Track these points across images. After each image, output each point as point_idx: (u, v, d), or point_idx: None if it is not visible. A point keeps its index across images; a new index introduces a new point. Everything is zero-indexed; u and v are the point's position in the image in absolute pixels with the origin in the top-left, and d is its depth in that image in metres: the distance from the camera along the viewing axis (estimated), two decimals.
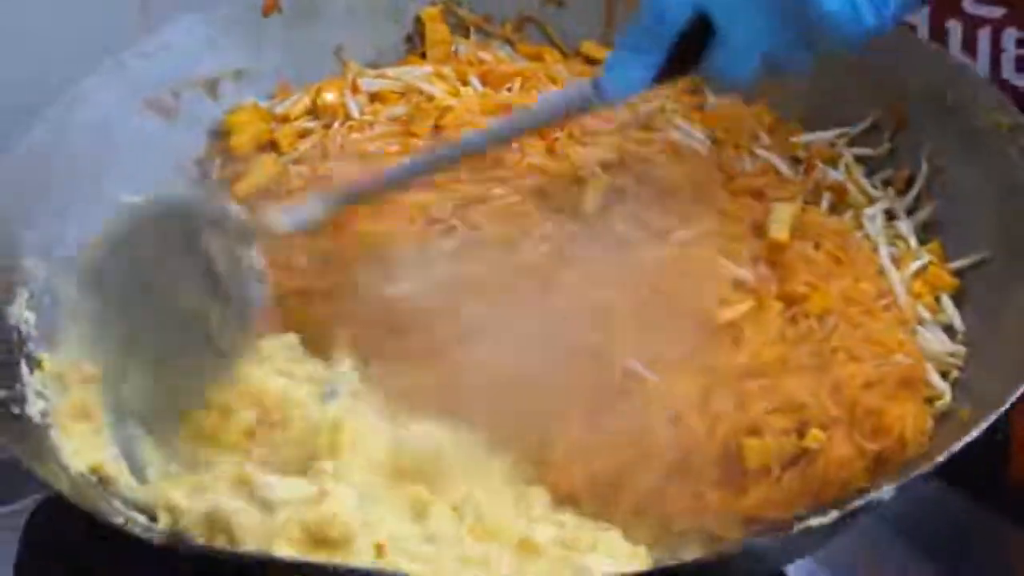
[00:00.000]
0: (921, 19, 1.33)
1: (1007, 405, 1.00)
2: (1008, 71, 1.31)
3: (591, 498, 1.06)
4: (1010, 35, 1.30)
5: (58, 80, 1.17)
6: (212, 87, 1.24)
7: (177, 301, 1.10)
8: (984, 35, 1.31)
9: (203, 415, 1.08)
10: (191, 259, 1.09)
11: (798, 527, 0.97)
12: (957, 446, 0.98)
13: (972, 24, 1.31)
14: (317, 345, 1.13)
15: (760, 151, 1.21)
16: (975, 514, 1.20)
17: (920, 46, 1.29)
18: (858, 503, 0.95)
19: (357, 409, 1.08)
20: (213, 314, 1.09)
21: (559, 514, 1.06)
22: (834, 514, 0.95)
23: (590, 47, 1.31)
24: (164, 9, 1.31)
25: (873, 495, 0.95)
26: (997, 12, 1.31)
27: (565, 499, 1.06)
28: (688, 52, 1.08)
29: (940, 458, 0.98)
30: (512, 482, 1.07)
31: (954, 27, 1.32)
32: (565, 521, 1.05)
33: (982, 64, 1.31)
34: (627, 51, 1.09)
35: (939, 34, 1.33)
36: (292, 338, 1.13)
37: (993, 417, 0.99)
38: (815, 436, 1.05)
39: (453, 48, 1.31)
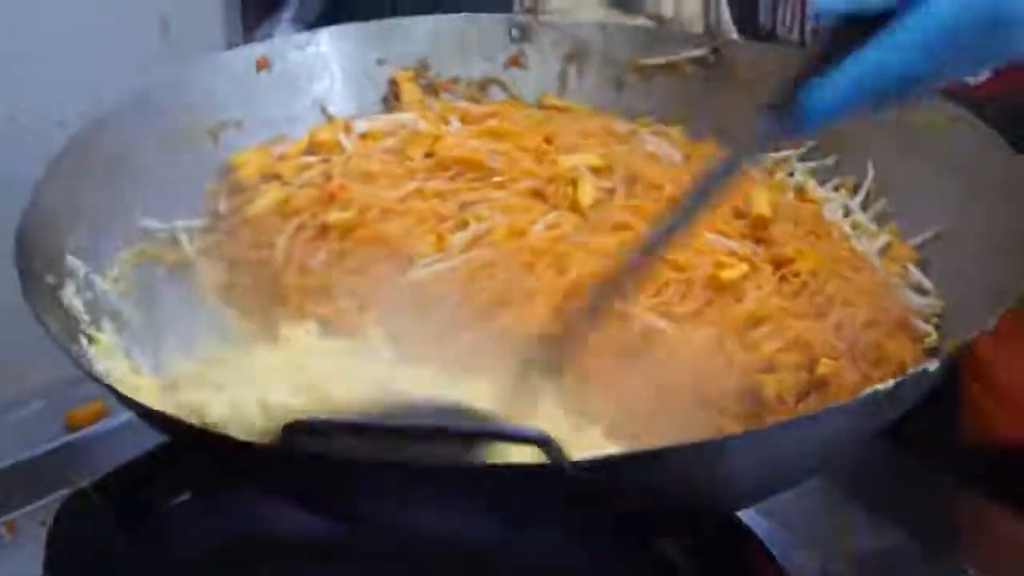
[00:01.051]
0: None
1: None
2: None
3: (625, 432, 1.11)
4: None
5: (83, 103, 1.25)
6: (215, 134, 1.32)
7: None
8: None
9: None
10: None
11: (869, 391, 1.00)
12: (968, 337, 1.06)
13: None
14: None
15: None
16: (927, 476, 1.28)
17: None
18: (912, 372, 1.01)
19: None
20: None
21: None
22: (890, 383, 0.99)
23: (550, 98, 1.42)
24: (185, 35, 1.39)
25: (921, 366, 1.01)
26: None
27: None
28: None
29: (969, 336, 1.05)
30: None
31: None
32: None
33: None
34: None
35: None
36: (312, 325, 1.19)
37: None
38: (825, 364, 1.13)
39: (427, 106, 1.40)
